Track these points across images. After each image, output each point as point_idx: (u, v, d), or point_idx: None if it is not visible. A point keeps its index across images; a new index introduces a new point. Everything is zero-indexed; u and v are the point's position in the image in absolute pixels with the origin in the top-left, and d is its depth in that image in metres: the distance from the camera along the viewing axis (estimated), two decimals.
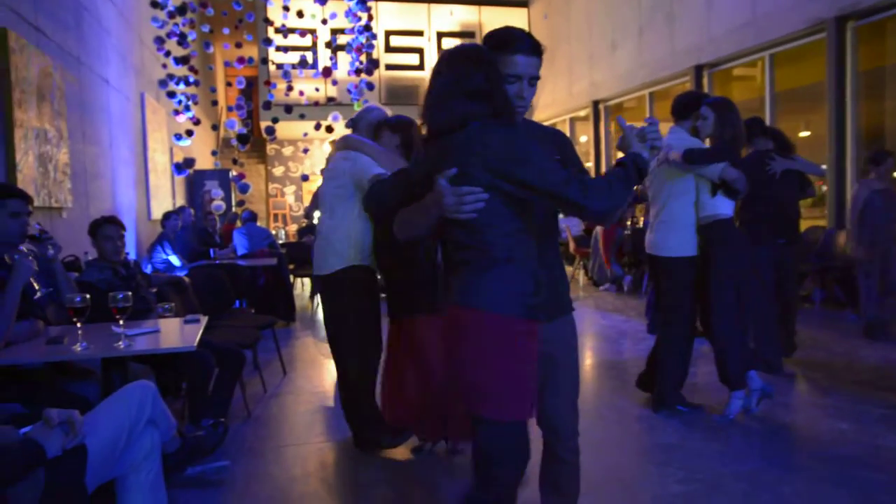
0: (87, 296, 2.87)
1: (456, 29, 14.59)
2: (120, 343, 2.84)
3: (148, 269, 6.62)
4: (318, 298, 9.26)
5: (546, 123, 10.02)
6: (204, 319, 3.48)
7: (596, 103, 11.97)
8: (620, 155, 1.91)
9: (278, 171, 15.54)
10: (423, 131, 1.97)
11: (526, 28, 14.52)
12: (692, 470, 3.27)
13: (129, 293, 2.96)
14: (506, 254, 1.81)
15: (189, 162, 9.42)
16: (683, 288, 3.93)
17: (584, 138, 13.07)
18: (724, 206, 3.84)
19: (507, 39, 1.96)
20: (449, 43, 14.55)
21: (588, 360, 5.65)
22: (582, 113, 12.70)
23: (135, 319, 3.47)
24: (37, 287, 2.97)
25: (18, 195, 3.23)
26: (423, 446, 3.64)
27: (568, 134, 13.71)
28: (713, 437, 3.72)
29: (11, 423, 2.13)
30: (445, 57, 1.94)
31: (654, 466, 3.40)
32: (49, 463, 1.89)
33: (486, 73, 1.87)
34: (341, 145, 3.64)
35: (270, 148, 15.34)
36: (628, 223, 9.72)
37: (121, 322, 2.95)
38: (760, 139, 4.87)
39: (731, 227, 3.91)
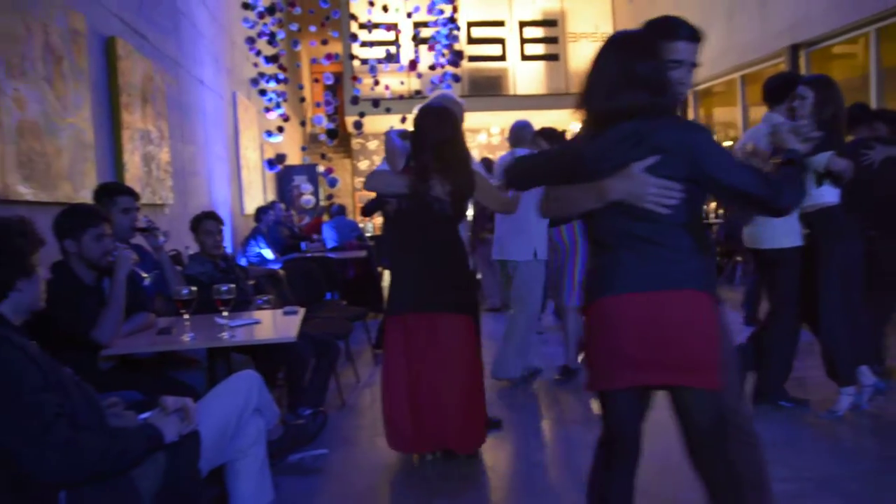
0: (194, 288, 3.00)
1: (538, 17, 14.43)
2: (224, 334, 2.95)
3: (242, 263, 6.85)
4: None
5: None
6: (302, 311, 3.57)
7: None
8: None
9: (363, 164, 15.79)
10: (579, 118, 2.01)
11: (610, 15, 14.27)
12: (798, 468, 3.15)
13: (233, 286, 3.08)
14: (696, 243, 1.85)
15: (281, 157, 9.70)
16: (792, 280, 3.72)
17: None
18: (829, 194, 3.61)
19: (670, 26, 2.03)
20: (531, 32, 14.41)
21: None
22: None
23: (235, 311, 3.60)
24: (144, 275, 3.11)
25: (127, 192, 3.44)
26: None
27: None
28: (821, 434, 3.56)
29: (131, 409, 2.25)
30: (613, 43, 1.95)
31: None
32: (167, 447, 1.99)
33: (657, 61, 1.88)
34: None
35: (356, 142, 15.60)
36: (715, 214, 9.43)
37: (224, 313, 3.06)
38: (865, 127, 4.49)
39: (839, 215, 3.65)
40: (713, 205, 9.26)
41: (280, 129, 9.46)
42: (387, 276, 10.40)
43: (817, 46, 8.69)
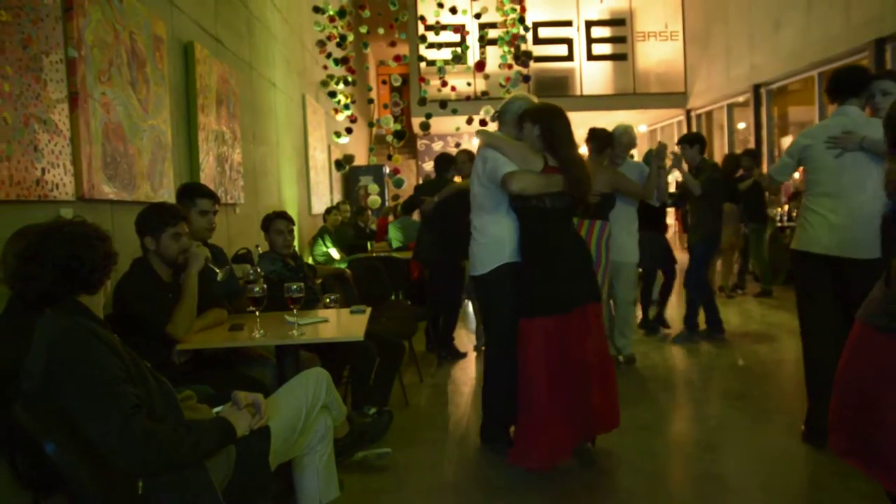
0: (265, 286, 3.08)
1: (606, 17, 14.26)
2: (294, 332, 3.02)
3: (309, 262, 6.98)
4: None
5: (700, 111, 9.62)
6: (368, 311, 3.62)
7: (757, 87, 11.29)
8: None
9: (428, 165, 15.89)
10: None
11: (679, 12, 13.98)
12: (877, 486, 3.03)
13: (302, 284, 3.14)
14: None
15: (349, 158, 9.85)
16: None
17: (742, 125, 12.39)
18: None
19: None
20: (599, 32, 14.25)
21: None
22: (741, 98, 12.03)
23: (303, 309, 3.68)
24: (217, 270, 3.19)
25: (208, 195, 3.56)
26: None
27: (725, 121, 13.07)
28: None
29: (203, 402, 2.33)
30: None
31: (834, 477, 3.19)
32: (238, 441, 2.05)
33: None
34: (481, 143, 3.65)
35: (421, 143, 15.72)
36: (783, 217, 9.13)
37: (294, 312, 3.14)
38: None
39: None
40: None
41: (348, 131, 9.61)
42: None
43: None
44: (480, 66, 9.54)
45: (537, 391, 3.29)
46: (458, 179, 6.00)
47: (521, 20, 9.03)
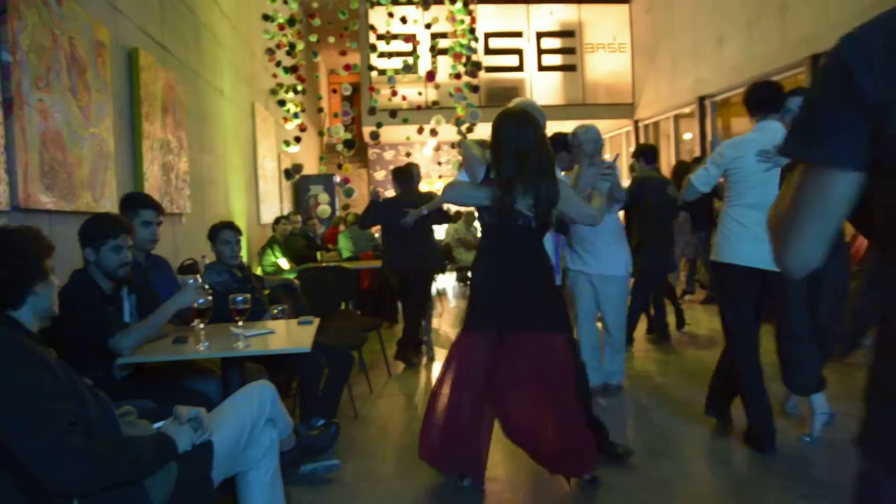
0: (210, 298, 3.02)
1: (556, 28, 14.46)
2: (239, 343, 2.97)
3: (258, 273, 6.89)
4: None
5: (648, 122, 9.65)
6: (316, 321, 3.59)
7: (702, 99, 11.58)
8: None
9: (380, 174, 15.86)
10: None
11: (627, 26, 14.27)
12: (816, 485, 3.12)
13: (248, 296, 3.10)
14: None
15: (297, 168, 9.77)
16: None
17: (688, 135, 12.67)
18: None
19: None
20: (549, 43, 14.44)
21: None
22: (687, 110, 12.32)
23: (250, 321, 3.63)
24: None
25: (151, 205, 3.49)
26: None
27: (672, 132, 13.37)
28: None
29: (144, 418, 2.27)
30: None
31: (777, 479, 3.27)
32: (180, 457, 2.01)
33: None
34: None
35: (372, 152, 15.67)
36: None
37: (240, 323, 3.09)
38: None
39: None
40: None
41: (297, 140, 9.53)
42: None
43: None
44: (431, 76, 9.58)
45: (441, 396, 3.25)
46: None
47: (471, 31, 9.09)
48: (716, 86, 11.10)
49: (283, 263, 7.44)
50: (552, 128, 4.14)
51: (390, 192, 6.49)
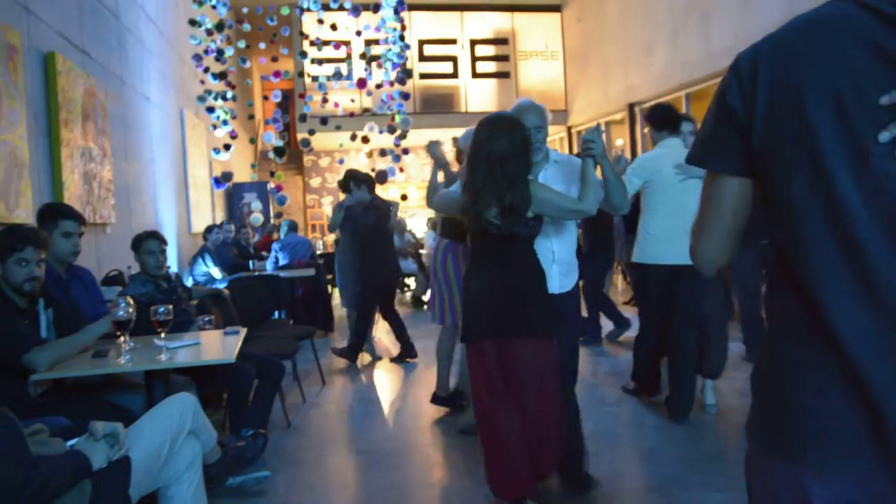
0: (131, 310, 2.94)
1: (489, 36, 14.61)
2: (162, 356, 2.90)
3: (188, 282, 6.74)
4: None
5: (580, 128, 9.79)
6: (243, 331, 3.54)
7: (631, 106, 11.87)
8: None
9: (315, 181, 15.72)
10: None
11: (559, 34, 14.53)
12: (734, 478, 3.22)
13: (170, 307, 3.03)
14: None
15: (227, 175, 9.59)
16: None
17: (619, 141, 12.97)
18: None
19: None
20: (483, 51, 14.58)
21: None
22: (618, 116, 12.61)
23: (176, 332, 3.54)
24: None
25: (72, 216, 3.38)
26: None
27: (603, 138, 13.61)
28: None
29: (59, 435, 2.19)
30: None
31: (696, 475, 3.36)
32: (95, 475, 1.94)
33: None
34: None
35: (307, 159, 15.52)
36: None
37: (162, 335, 3.02)
38: None
39: None
40: None
41: (227, 147, 9.36)
42: (337, 294, 10.31)
43: None
44: (361, 83, 9.54)
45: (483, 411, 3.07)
46: None
47: (401, 38, 9.10)
48: (645, 93, 11.39)
49: (216, 272, 7.29)
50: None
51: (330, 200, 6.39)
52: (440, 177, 3.80)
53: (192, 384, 3.49)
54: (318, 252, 10.67)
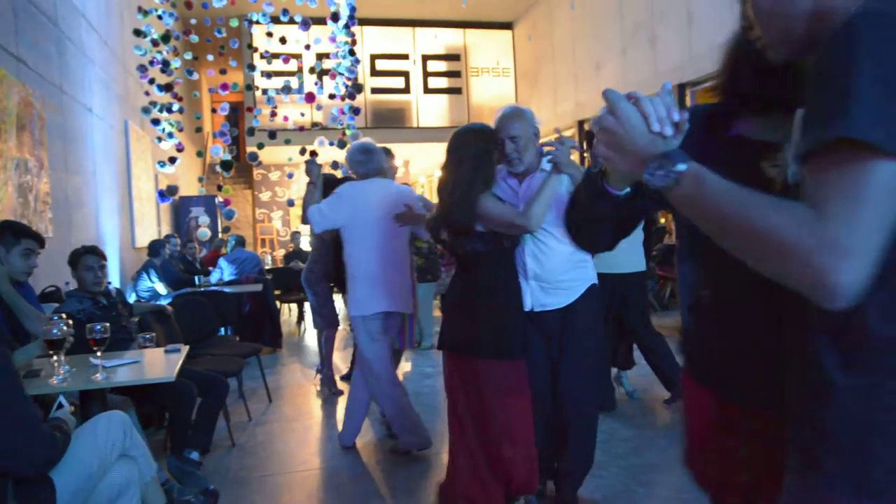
0: (65, 327, 2.83)
1: (441, 52, 14.68)
2: (98, 375, 2.80)
3: (132, 298, 6.56)
4: (304, 324, 9.22)
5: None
6: (185, 349, 3.44)
7: (581, 122, 12.04)
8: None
9: (265, 196, 15.52)
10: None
11: (510, 51, 14.67)
12: (679, 489, 3.25)
13: (107, 324, 2.93)
14: None
15: (172, 189, 9.39)
16: None
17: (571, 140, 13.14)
18: None
19: None
20: (434, 66, 14.63)
21: None
22: (567, 133, 12.78)
23: (115, 350, 3.43)
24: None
25: (32, 236, 3.36)
26: None
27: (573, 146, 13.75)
28: None
29: None
30: None
31: (641, 487, 3.38)
32: (17, 498, 1.85)
33: None
34: None
35: (257, 173, 15.33)
36: None
37: (98, 354, 2.91)
38: None
39: None
40: None
41: (172, 160, 9.18)
42: (286, 310, 10.17)
43: (702, 86, 9.19)
44: (310, 97, 9.46)
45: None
46: None
47: (351, 53, 9.07)
48: (594, 110, 11.56)
49: (160, 288, 7.11)
50: (438, 149, 4.04)
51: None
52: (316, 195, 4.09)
53: (130, 404, 3.38)
54: (268, 267, 10.53)
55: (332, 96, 9.16)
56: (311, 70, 9.75)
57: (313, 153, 8.82)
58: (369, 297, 3.93)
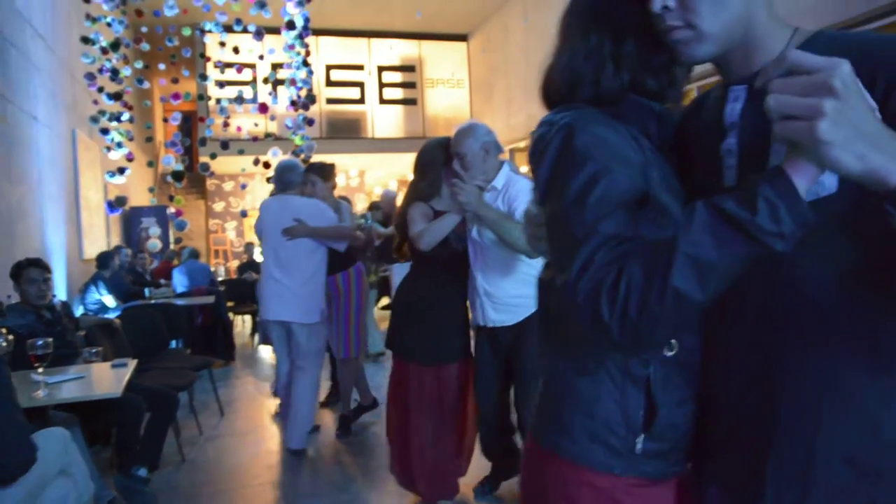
0: (5, 343, 2.76)
1: (396, 63, 14.70)
2: (40, 392, 2.73)
3: (79, 311, 6.41)
4: (258, 336, 9.11)
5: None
6: (132, 363, 3.39)
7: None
8: None
9: (219, 206, 15.30)
10: None
11: (465, 62, 14.77)
12: None
13: (49, 340, 2.87)
14: None
15: (121, 200, 9.21)
16: None
17: (524, 168, 13.26)
18: None
19: None
20: (390, 77, 14.65)
21: None
22: (521, 144, 12.90)
23: (60, 365, 3.36)
24: None
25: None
26: None
27: (507, 167, 13.88)
28: None
29: None
30: None
31: None
32: None
33: None
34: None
35: (210, 183, 15.11)
36: None
37: (40, 370, 2.84)
38: None
39: None
40: None
41: (121, 171, 9.00)
42: (239, 322, 10.04)
43: None
44: (263, 108, 9.37)
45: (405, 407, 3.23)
46: None
47: (305, 63, 9.01)
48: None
49: (109, 301, 6.96)
50: (394, 160, 4.13)
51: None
52: None
53: (75, 421, 3.29)
54: (221, 278, 10.38)
55: (292, 103, 9.07)
56: (265, 80, 9.67)
57: (267, 164, 8.75)
58: (265, 304, 4.35)
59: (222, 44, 9.03)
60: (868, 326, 0.90)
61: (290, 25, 8.68)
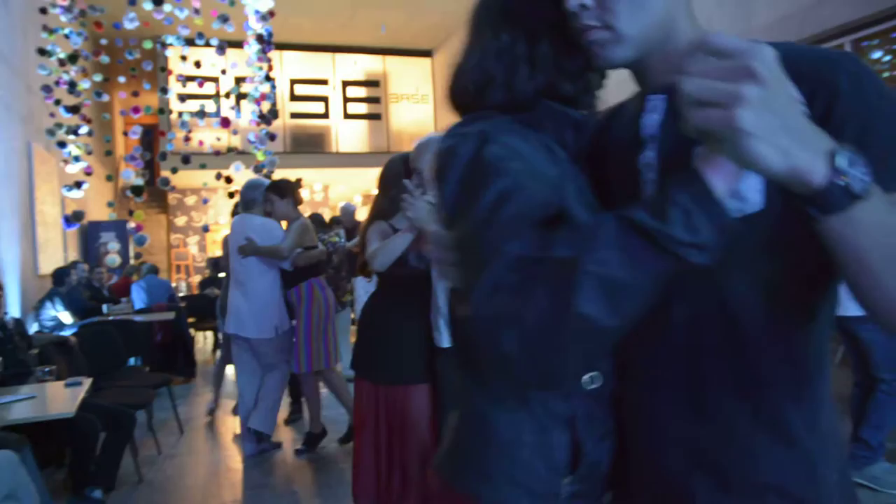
0: None
1: (361, 78, 14.71)
2: None
3: (34, 328, 6.25)
4: (220, 353, 8.97)
5: None
6: (87, 381, 3.31)
7: None
8: None
9: (181, 221, 15.09)
10: None
11: (430, 77, 14.83)
12: None
13: (0, 358, 2.78)
14: None
15: (78, 214, 9.03)
16: None
17: None
18: None
19: None
20: (354, 92, 14.65)
21: None
22: None
23: (10, 385, 3.26)
24: None
25: None
26: None
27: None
28: None
29: None
30: None
31: None
32: None
33: None
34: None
35: (172, 198, 14.90)
36: None
37: None
38: None
39: None
40: None
41: (78, 185, 8.84)
42: (200, 338, 9.90)
43: None
44: (226, 122, 9.29)
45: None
46: None
47: (268, 78, 8.97)
48: None
49: (66, 317, 6.80)
50: (358, 175, 4.07)
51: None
52: None
53: (26, 442, 3.19)
54: (182, 294, 10.23)
55: (260, 116, 8.99)
56: (227, 95, 9.59)
57: (228, 178, 8.66)
58: (227, 318, 4.56)
59: (184, 57, 8.94)
60: (794, 347, 0.87)
61: (261, 38, 8.64)
